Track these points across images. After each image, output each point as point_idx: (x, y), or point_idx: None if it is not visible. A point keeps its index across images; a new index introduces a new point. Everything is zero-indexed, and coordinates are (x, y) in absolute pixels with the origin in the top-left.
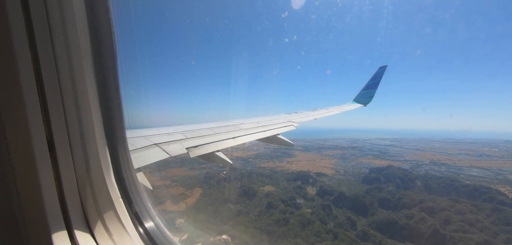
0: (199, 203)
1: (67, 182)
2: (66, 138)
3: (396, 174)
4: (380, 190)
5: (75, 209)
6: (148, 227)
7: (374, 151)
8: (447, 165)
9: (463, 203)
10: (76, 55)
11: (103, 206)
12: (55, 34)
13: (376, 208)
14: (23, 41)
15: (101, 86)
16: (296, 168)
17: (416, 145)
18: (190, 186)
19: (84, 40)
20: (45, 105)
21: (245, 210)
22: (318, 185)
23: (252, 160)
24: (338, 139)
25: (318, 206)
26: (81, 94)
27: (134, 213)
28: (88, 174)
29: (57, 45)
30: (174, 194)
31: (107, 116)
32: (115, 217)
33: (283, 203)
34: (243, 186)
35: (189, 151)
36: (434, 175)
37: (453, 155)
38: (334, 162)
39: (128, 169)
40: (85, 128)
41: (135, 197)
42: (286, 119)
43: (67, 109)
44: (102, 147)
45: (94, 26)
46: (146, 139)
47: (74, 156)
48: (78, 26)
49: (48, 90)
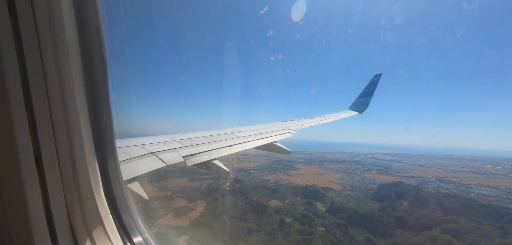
0: (204, 218)
1: (55, 198)
2: (54, 152)
3: (407, 191)
4: (394, 209)
5: (62, 226)
6: (137, 243)
7: (377, 166)
8: (454, 183)
9: (487, 225)
10: (65, 65)
11: (91, 222)
12: (44, 44)
13: (394, 228)
14: (11, 51)
15: (90, 96)
16: (301, 182)
17: (418, 161)
18: (193, 198)
19: (73, 50)
20: (32, 118)
21: (256, 227)
22: (327, 201)
23: (254, 171)
24: (339, 152)
25: (332, 224)
26: (70, 105)
27: (123, 228)
28: (77, 189)
29: (45, 55)
30: (176, 207)
31: (96, 127)
32: (104, 233)
33: (297, 221)
34: (249, 200)
35: (185, 159)
36: (447, 193)
37: (458, 172)
38: (338, 176)
39: (118, 182)
40: (74, 140)
41: (125, 212)
42: (283, 127)
43: (55, 122)
44: (91, 160)
45: (83, 35)
46: (142, 148)
47: (62, 170)
48: (67, 34)
49: (36, 103)
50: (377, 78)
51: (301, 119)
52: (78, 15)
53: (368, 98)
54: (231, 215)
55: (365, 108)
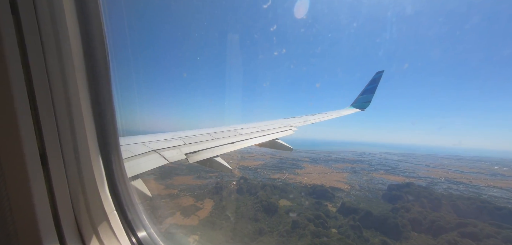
0: (213, 217)
1: (60, 195)
2: (58, 150)
3: (419, 193)
4: (408, 210)
5: (68, 222)
6: (142, 238)
7: (383, 165)
8: (464, 184)
9: (507, 229)
10: (68, 64)
11: (97, 218)
12: (47, 43)
13: (410, 231)
14: (14, 51)
15: (94, 94)
16: (308, 181)
17: (425, 161)
18: (200, 196)
19: (76, 48)
20: (37, 117)
21: (267, 228)
22: (337, 201)
23: (260, 170)
24: (344, 151)
25: (345, 225)
26: (74, 103)
27: (128, 225)
28: (82, 186)
29: (48, 54)
30: (184, 205)
31: (100, 125)
32: (109, 229)
33: (310, 222)
34: (259, 199)
35: (187, 156)
36: (459, 195)
37: (466, 173)
38: (346, 176)
39: (122, 179)
40: (78, 138)
41: (129, 208)
42: (285, 124)
43: (59, 121)
44: (95, 158)
45: (86, 33)
46: (144, 145)
47: (67, 168)
48: (70, 34)
49: (40, 102)
50: (379, 75)
51: (303, 117)
52: (80, 13)
53: (370, 96)
54: (241, 214)
55: (367, 105)
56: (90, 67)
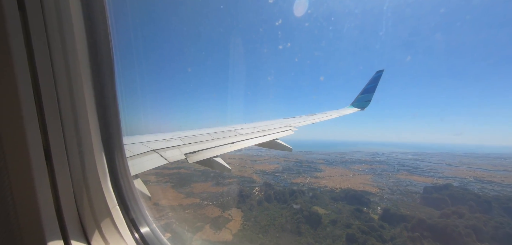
0: (247, 230)
1: (64, 191)
2: (63, 146)
3: (461, 195)
4: (461, 215)
5: (71, 218)
6: (145, 234)
7: (403, 165)
8: (497, 183)
9: None
10: (73, 62)
11: (100, 214)
12: (53, 41)
13: (475, 242)
14: (20, 49)
15: (98, 92)
16: (333, 185)
17: (443, 159)
18: (225, 206)
19: (81, 47)
20: (42, 113)
21: (315, 242)
22: (374, 207)
23: (278, 174)
24: (357, 152)
25: (400, 236)
26: (78, 100)
27: (131, 220)
28: (85, 182)
29: (54, 52)
30: (211, 217)
31: (104, 122)
32: (112, 224)
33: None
34: (292, 207)
35: (187, 156)
36: (506, 195)
37: (492, 172)
38: (369, 177)
39: (125, 176)
40: (82, 134)
41: (132, 204)
42: (284, 124)
43: (64, 117)
44: (99, 154)
45: (91, 32)
46: (144, 145)
47: (71, 163)
48: (75, 32)
49: (45, 98)
50: (379, 74)
51: (302, 117)
52: (85, 12)
53: (370, 95)
54: (279, 226)
55: (367, 104)
56: (95, 66)
